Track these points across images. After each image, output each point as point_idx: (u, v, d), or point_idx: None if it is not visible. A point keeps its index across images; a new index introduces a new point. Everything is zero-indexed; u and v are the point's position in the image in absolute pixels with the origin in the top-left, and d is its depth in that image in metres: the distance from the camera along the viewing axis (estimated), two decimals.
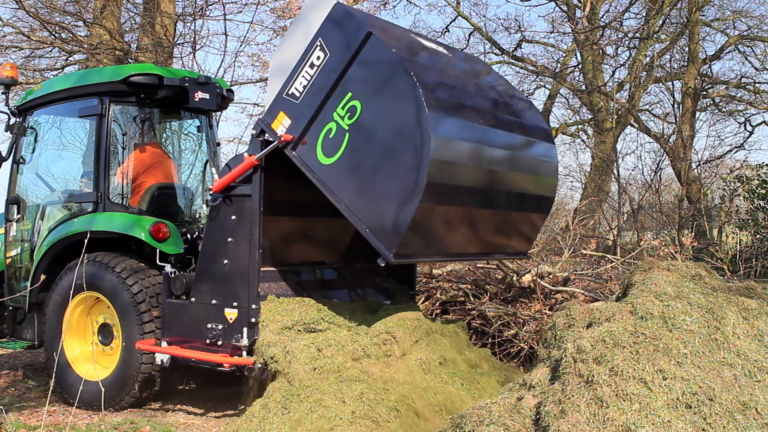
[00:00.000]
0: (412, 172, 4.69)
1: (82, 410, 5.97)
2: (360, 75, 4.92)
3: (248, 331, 5.21)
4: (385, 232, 4.84)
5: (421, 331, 5.45)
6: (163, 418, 5.73)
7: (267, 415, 4.65)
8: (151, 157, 6.59)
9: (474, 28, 20.10)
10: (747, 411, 3.26)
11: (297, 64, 5.16)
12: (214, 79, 6.75)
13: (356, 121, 4.89)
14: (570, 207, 18.89)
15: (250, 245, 5.25)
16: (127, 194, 6.41)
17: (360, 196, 4.92)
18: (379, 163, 4.83)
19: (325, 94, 5.01)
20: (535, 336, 6.81)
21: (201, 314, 5.44)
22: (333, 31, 5.05)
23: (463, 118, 5.16)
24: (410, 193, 4.70)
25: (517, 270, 7.56)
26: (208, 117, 7.11)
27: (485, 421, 3.55)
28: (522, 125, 5.93)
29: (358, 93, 4.91)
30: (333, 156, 4.99)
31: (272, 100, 5.29)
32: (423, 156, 4.64)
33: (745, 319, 3.74)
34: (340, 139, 4.95)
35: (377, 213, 4.87)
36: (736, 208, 11.17)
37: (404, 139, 4.73)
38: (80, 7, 13.58)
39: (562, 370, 3.65)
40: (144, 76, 6.25)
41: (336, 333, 5.15)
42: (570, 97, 20.86)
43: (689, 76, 16.65)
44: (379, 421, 4.43)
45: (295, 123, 5.14)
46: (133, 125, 6.51)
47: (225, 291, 5.35)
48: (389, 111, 4.80)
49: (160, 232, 5.90)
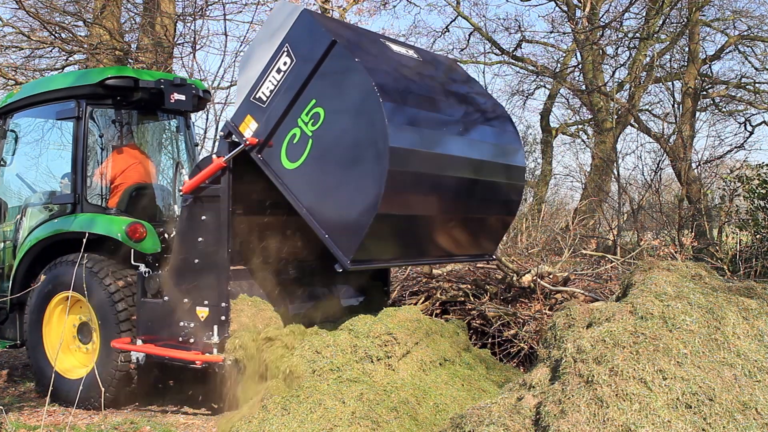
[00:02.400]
0: (370, 182, 4.79)
1: (82, 410, 5.97)
2: (324, 83, 5.01)
3: (219, 329, 5.31)
4: (343, 238, 4.94)
5: (422, 331, 5.46)
6: (163, 418, 5.73)
7: (267, 416, 4.65)
8: (128, 158, 6.70)
9: (474, 28, 20.10)
10: (747, 411, 3.26)
11: (264, 69, 5.25)
12: (190, 81, 6.87)
13: (319, 128, 4.98)
14: (570, 207, 18.90)
15: (219, 245, 5.35)
16: (105, 195, 6.53)
17: (320, 202, 5.02)
18: (340, 171, 4.92)
19: (291, 100, 5.11)
20: (535, 336, 6.81)
21: (174, 313, 5.55)
22: (299, 38, 5.13)
23: (425, 126, 5.22)
24: (368, 203, 4.80)
25: (517, 270, 7.56)
26: (185, 118, 7.22)
27: (485, 421, 3.55)
28: (488, 128, 5.98)
29: (321, 100, 5.00)
30: (296, 161, 5.08)
31: (240, 103, 5.39)
32: (382, 166, 4.73)
33: (745, 319, 3.74)
34: (303, 144, 5.04)
35: (336, 220, 4.97)
36: (736, 208, 11.17)
37: (364, 148, 4.82)
38: (80, 7, 13.58)
39: (562, 370, 3.65)
40: (119, 79, 6.38)
41: (336, 335, 5.15)
42: (570, 97, 20.89)
43: (689, 76, 16.65)
44: (379, 421, 4.43)
45: (262, 127, 5.24)
46: (110, 127, 6.64)
47: (196, 290, 5.45)
48: (351, 120, 4.89)
49: (136, 233, 5.98)
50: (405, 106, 5.06)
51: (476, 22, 20.05)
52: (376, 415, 4.46)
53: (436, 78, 5.98)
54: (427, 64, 6.04)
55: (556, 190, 21.32)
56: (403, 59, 5.73)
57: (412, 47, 6.32)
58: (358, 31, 5.73)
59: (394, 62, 5.53)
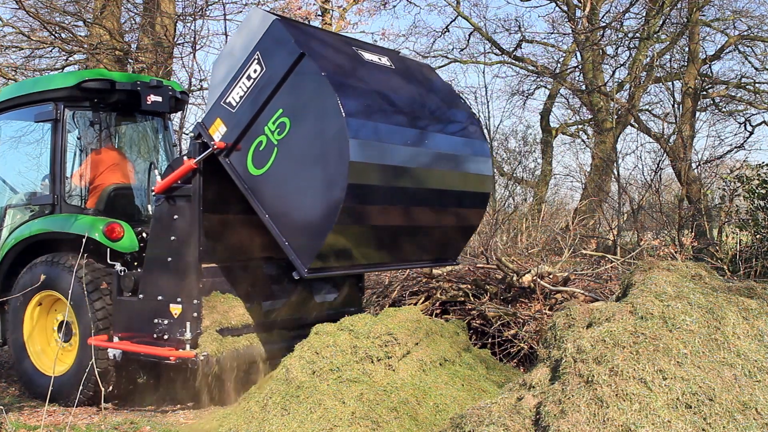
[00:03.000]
0: (330, 194, 4.93)
1: (82, 410, 5.97)
2: (291, 93, 5.10)
3: (191, 326, 5.41)
4: (301, 247, 5.08)
5: (422, 332, 5.47)
6: (163, 418, 5.73)
7: (267, 416, 4.65)
8: (106, 159, 6.79)
9: (474, 28, 20.11)
10: (747, 411, 3.26)
11: (236, 74, 5.34)
12: (167, 82, 6.98)
13: (284, 137, 5.09)
14: (570, 207, 18.90)
15: (191, 243, 5.45)
16: (84, 196, 6.63)
17: (282, 209, 5.16)
18: (302, 181, 5.05)
19: (259, 108, 5.20)
20: (535, 336, 6.81)
21: (148, 310, 5.65)
22: (270, 47, 5.20)
23: (388, 140, 5.31)
24: (327, 215, 4.94)
25: (517, 270, 7.56)
26: (163, 119, 7.33)
27: (485, 421, 3.55)
28: (455, 138, 6.04)
29: (288, 110, 5.09)
30: (261, 168, 5.20)
31: (211, 106, 5.49)
32: (342, 179, 4.86)
33: (745, 319, 3.74)
34: (269, 152, 5.15)
35: (296, 228, 5.11)
36: (736, 208, 11.16)
37: (326, 161, 4.94)
38: (80, 7, 13.58)
39: (562, 370, 3.65)
40: (96, 82, 6.49)
41: (336, 335, 5.16)
42: (570, 97, 20.89)
43: (689, 76, 16.64)
44: (379, 421, 4.43)
45: (230, 131, 5.34)
46: (88, 129, 6.74)
47: (170, 287, 5.56)
48: (314, 132, 4.99)
49: (114, 232, 6.08)
50: (369, 120, 5.17)
51: (476, 22, 20.07)
52: (376, 415, 4.46)
53: (407, 87, 6.03)
54: (399, 73, 6.07)
55: (556, 190, 21.33)
56: (374, 69, 5.78)
57: (388, 52, 6.35)
58: (330, 41, 5.74)
59: (364, 73, 5.59)
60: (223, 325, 5.59)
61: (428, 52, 21.15)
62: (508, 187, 18.92)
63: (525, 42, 20.04)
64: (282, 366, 5.09)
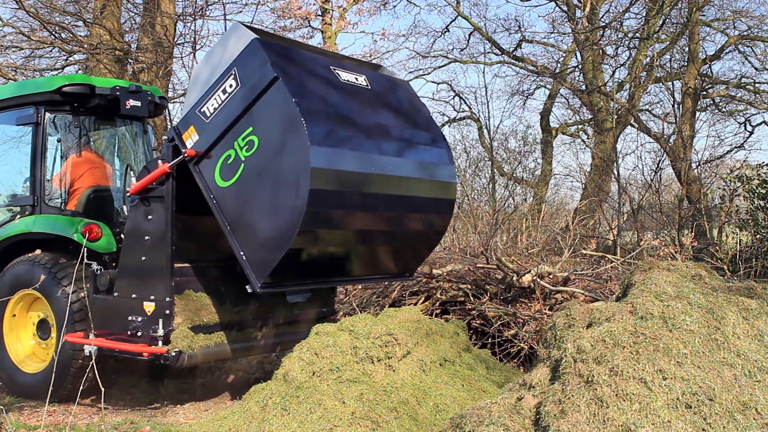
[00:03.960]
0: (288, 217, 5.09)
1: (82, 410, 5.98)
2: (262, 114, 5.21)
3: (164, 322, 5.55)
4: (257, 262, 5.27)
5: (422, 332, 5.47)
6: (163, 418, 5.73)
7: (266, 416, 4.65)
8: (86, 162, 6.93)
9: (474, 28, 20.11)
10: (747, 411, 3.26)
11: (212, 85, 5.45)
12: (146, 87, 7.15)
13: (252, 155, 5.23)
14: (570, 207, 18.90)
15: (164, 243, 5.60)
16: (64, 197, 6.76)
17: (243, 224, 5.32)
18: (264, 200, 5.22)
19: (230, 123, 5.33)
20: (535, 336, 6.81)
21: (123, 308, 5.78)
22: (247, 65, 5.30)
23: (353, 167, 5.43)
24: (284, 236, 5.12)
25: (517, 270, 7.56)
26: (142, 123, 7.46)
27: (485, 421, 3.55)
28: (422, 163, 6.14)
29: (257, 129, 5.22)
30: (228, 181, 5.35)
31: (186, 112, 5.60)
32: (300, 206, 5.02)
33: (745, 319, 3.74)
34: (236, 167, 5.29)
35: (254, 244, 5.28)
36: (736, 208, 11.16)
37: (287, 186, 5.10)
38: (80, 7, 13.58)
39: (562, 370, 3.65)
40: (76, 86, 6.62)
41: (336, 336, 5.16)
42: (570, 97, 20.89)
43: (689, 76, 16.63)
44: (379, 422, 4.43)
45: (202, 140, 5.48)
46: (68, 132, 6.88)
47: (143, 286, 5.72)
48: (280, 155, 5.13)
49: (92, 233, 6.23)
50: (335, 147, 5.28)
51: (476, 22, 20.08)
52: (376, 415, 4.46)
53: (379, 108, 6.09)
54: (373, 93, 6.11)
55: (556, 190, 21.32)
56: (349, 91, 5.84)
57: (366, 71, 6.42)
58: (308, 61, 5.75)
59: (337, 96, 5.66)
60: (195, 322, 5.73)
61: (428, 52, 21.18)
62: (508, 187, 18.93)
63: (525, 42, 20.05)
64: (282, 366, 5.09)
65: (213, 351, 5.73)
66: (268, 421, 4.58)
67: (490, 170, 18.67)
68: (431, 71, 21.53)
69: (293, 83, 5.20)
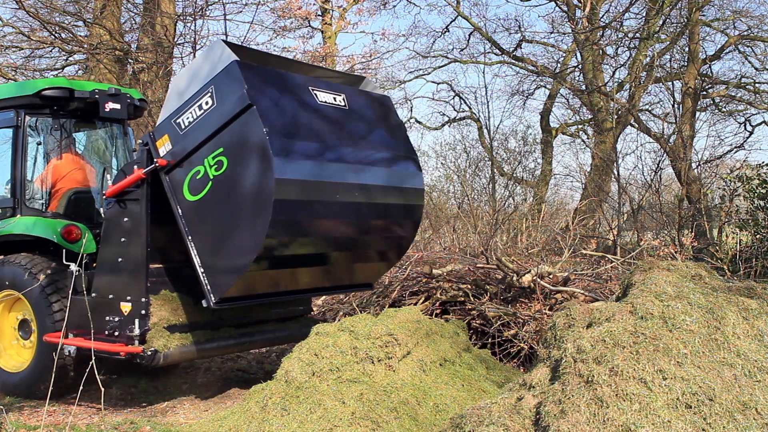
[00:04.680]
0: (248, 243, 5.20)
1: (82, 410, 5.98)
2: (234, 137, 5.27)
3: (140, 322, 5.65)
4: (215, 279, 5.40)
5: (422, 332, 5.47)
6: (163, 418, 5.73)
7: (267, 417, 4.65)
8: (67, 164, 7.01)
9: (474, 28, 20.11)
10: (747, 411, 3.26)
11: (190, 99, 5.50)
12: (125, 90, 7.24)
13: (220, 174, 5.31)
14: (570, 207, 18.89)
15: (139, 244, 5.70)
16: (45, 199, 6.84)
17: (205, 239, 5.44)
18: (226, 221, 5.32)
19: (203, 140, 5.39)
20: (535, 336, 6.81)
21: (101, 308, 5.86)
22: (224, 85, 5.33)
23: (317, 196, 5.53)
24: (242, 261, 5.25)
25: (517, 270, 7.56)
26: (122, 125, 7.54)
27: (485, 421, 3.55)
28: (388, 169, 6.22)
29: (227, 151, 5.29)
30: (195, 195, 5.44)
31: (163, 119, 5.66)
32: (260, 234, 5.13)
33: (745, 319, 3.74)
34: (204, 183, 5.38)
35: (213, 261, 5.41)
36: (736, 208, 11.16)
37: (250, 212, 5.19)
38: (80, 7, 13.59)
39: (562, 370, 3.65)
40: (55, 90, 6.72)
41: (336, 336, 5.16)
42: (570, 97, 20.89)
43: (689, 76, 16.63)
44: (379, 422, 4.43)
45: (174, 151, 5.55)
46: (49, 135, 6.98)
47: (120, 286, 5.82)
48: (246, 181, 5.22)
49: (71, 234, 6.35)
50: (302, 178, 5.37)
51: (476, 22, 20.08)
52: (376, 415, 4.46)
53: (355, 130, 6.11)
54: (349, 113, 6.11)
55: (556, 190, 21.31)
56: (325, 113, 5.86)
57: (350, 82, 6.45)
58: (286, 83, 5.76)
59: (312, 119, 5.70)
60: (172, 322, 5.81)
61: (428, 52, 21.19)
62: (508, 187, 18.92)
63: (525, 42, 20.05)
64: (282, 367, 5.09)
65: (189, 350, 5.83)
66: (268, 421, 4.58)
67: (490, 170, 18.67)
68: (431, 71, 21.56)
69: (267, 111, 5.26)
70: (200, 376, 7.29)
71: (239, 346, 6.38)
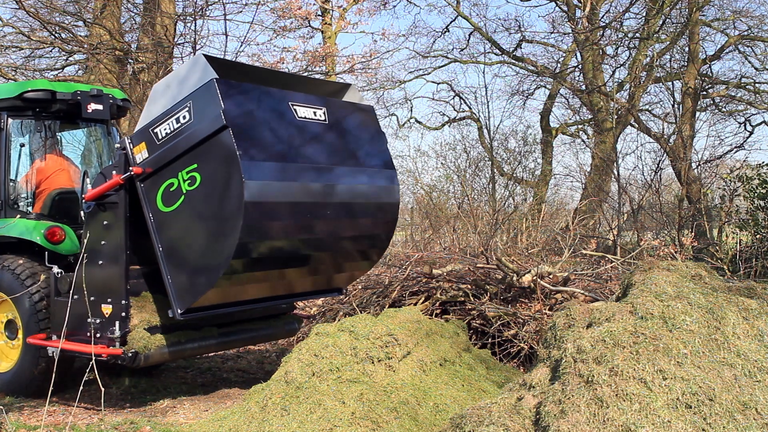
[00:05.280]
0: (217, 259, 5.28)
1: (82, 410, 5.98)
2: (208, 155, 5.32)
3: (120, 324, 5.70)
4: (182, 291, 5.49)
5: (422, 332, 5.47)
6: (163, 418, 5.73)
7: (267, 417, 4.65)
8: (51, 165, 7.05)
9: (474, 28, 20.11)
10: (747, 411, 3.26)
11: (168, 110, 5.52)
12: (108, 90, 7.28)
13: (193, 190, 5.38)
14: (570, 207, 18.89)
15: (119, 247, 5.73)
16: (29, 201, 6.89)
17: (175, 250, 5.51)
18: (196, 237, 5.42)
19: (178, 154, 5.44)
20: (535, 336, 6.81)
21: (83, 310, 5.89)
22: (202, 102, 5.35)
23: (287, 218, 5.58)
24: (209, 277, 5.33)
25: (517, 270, 7.56)
26: (106, 126, 7.58)
27: (485, 421, 3.55)
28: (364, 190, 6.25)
29: (201, 168, 5.35)
30: (168, 207, 5.50)
31: (141, 126, 5.67)
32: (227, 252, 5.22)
33: (745, 319, 3.74)
34: (177, 196, 5.44)
35: (182, 274, 5.48)
36: (736, 208, 11.16)
37: (218, 232, 5.28)
38: (80, 7, 13.58)
39: (562, 370, 3.65)
40: (38, 92, 6.78)
41: (336, 336, 5.16)
42: (570, 97, 20.87)
43: (689, 76, 16.62)
44: (379, 422, 4.43)
45: (150, 160, 5.59)
46: (32, 137, 7.04)
47: (101, 288, 5.84)
48: (217, 200, 5.27)
49: (54, 235, 6.39)
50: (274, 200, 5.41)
51: (476, 22, 20.08)
52: (376, 415, 4.46)
53: (332, 144, 6.09)
54: (328, 128, 6.08)
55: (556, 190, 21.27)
56: (303, 129, 5.84)
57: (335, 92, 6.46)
58: (266, 100, 5.73)
59: (289, 136, 5.70)
60: (152, 323, 5.85)
61: (428, 52, 21.18)
62: (508, 187, 18.91)
63: (525, 42, 20.04)
64: (282, 367, 5.09)
65: (170, 351, 5.88)
66: (268, 422, 4.58)
67: (490, 170, 18.66)
68: (431, 71, 21.55)
69: (242, 133, 5.28)
70: (200, 376, 7.29)
71: (221, 345, 6.42)
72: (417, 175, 19.68)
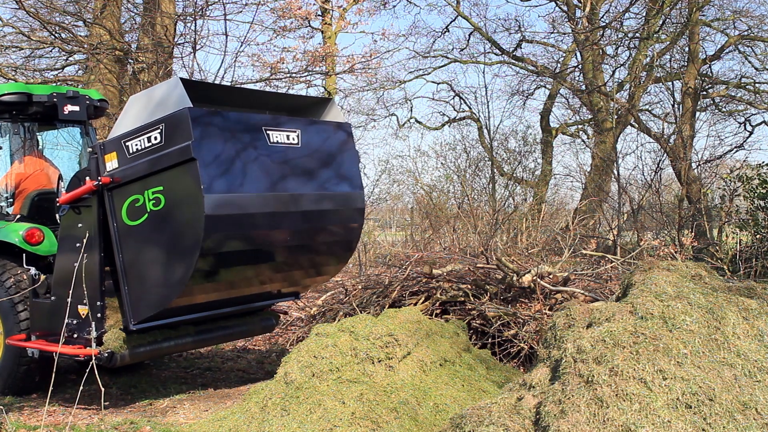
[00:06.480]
0: (171, 282, 5.42)
1: (82, 410, 5.98)
2: (173, 181, 5.40)
3: (96, 325, 5.76)
4: (137, 305, 5.60)
5: (422, 332, 5.47)
6: (163, 418, 5.73)
7: (266, 417, 4.65)
8: (29, 166, 7.12)
9: (474, 28, 20.11)
10: (747, 411, 3.26)
11: (142, 127, 5.55)
12: (84, 91, 7.35)
13: (157, 210, 5.46)
14: (570, 207, 18.89)
15: (94, 248, 5.77)
16: (8, 202, 6.93)
17: (134, 265, 5.60)
18: (156, 256, 5.52)
19: (146, 173, 5.50)
20: (535, 336, 6.81)
21: (60, 311, 5.92)
22: (174, 128, 5.39)
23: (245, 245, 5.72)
24: (165, 296, 5.48)
25: (517, 270, 7.56)
26: (84, 126, 7.62)
27: (485, 421, 3.55)
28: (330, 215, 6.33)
29: (167, 191, 5.43)
30: (132, 221, 5.59)
31: (115, 136, 5.71)
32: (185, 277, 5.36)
33: (745, 319, 3.74)
34: (141, 212, 5.53)
35: (139, 289, 5.59)
36: (736, 208, 11.16)
37: (177, 256, 5.41)
38: (80, 7, 13.58)
39: (562, 370, 3.65)
40: (13, 95, 6.83)
41: (336, 337, 5.16)
42: (570, 97, 20.87)
43: (689, 76, 16.62)
44: (379, 422, 4.43)
45: (120, 171, 5.63)
46: (10, 139, 7.09)
47: (77, 289, 5.83)
48: (178, 225, 5.39)
49: (33, 237, 6.44)
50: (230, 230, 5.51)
51: (476, 22, 20.07)
52: (376, 415, 4.46)
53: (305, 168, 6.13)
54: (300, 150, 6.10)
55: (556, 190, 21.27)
56: (274, 154, 5.87)
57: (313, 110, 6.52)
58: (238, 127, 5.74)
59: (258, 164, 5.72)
60: None
61: (428, 52, 21.18)
62: (508, 187, 18.91)
63: (525, 42, 20.03)
64: (281, 367, 5.09)
65: (146, 350, 5.94)
66: (268, 422, 4.58)
67: (490, 170, 18.66)
68: (431, 71, 21.54)
69: (209, 165, 5.33)
70: (200, 376, 7.29)
71: (198, 343, 6.47)
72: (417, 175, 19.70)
